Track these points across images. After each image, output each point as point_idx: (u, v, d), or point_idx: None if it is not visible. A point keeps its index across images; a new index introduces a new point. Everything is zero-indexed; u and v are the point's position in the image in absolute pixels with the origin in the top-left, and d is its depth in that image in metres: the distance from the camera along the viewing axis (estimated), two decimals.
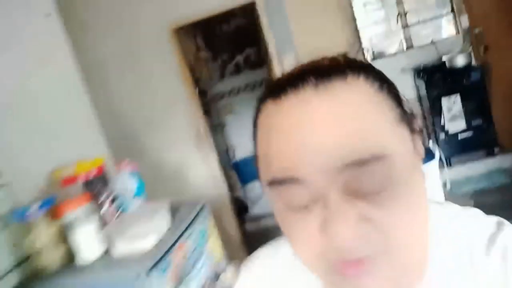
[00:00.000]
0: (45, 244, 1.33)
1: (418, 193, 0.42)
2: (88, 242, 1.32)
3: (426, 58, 3.47)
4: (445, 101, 3.19)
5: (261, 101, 0.44)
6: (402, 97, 0.43)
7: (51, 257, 1.34)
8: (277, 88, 0.42)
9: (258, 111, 0.45)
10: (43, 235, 1.32)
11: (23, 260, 1.36)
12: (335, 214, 0.38)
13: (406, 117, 0.43)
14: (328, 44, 2.91)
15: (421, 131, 0.45)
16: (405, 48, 3.71)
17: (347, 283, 0.41)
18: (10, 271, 1.33)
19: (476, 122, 3.20)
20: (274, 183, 0.41)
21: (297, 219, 0.41)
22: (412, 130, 0.43)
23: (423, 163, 0.45)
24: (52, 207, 1.36)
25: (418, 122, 0.45)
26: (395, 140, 0.40)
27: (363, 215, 0.39)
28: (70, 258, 1.35)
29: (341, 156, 0.37)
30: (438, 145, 3.07)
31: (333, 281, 0.43)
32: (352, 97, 0.39)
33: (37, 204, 1.32)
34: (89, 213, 1.34)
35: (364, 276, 0.40)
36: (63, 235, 1.34)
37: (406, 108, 0.43)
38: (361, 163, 0.37)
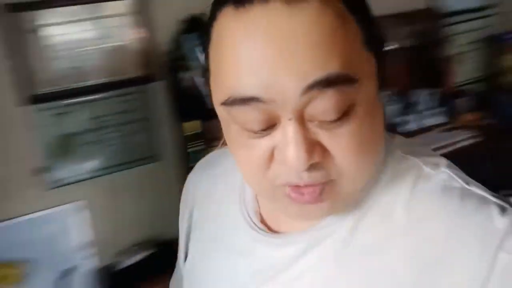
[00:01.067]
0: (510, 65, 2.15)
1: (376, 128, 0.42)
2: None
3: None
4: None
5: (218, 6, 0.39)
6: (373, 19, 0.41)
7: None
8: None
9: (213, 18, 0.40)
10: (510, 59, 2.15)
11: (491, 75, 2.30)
12: (290, 139, 0.37)
13: (375, 42, 0.41)
14: None
15: (385, 58, 0.43)
16: None
17: (292, 207, 0.43)
18: (478, 81, 2.33)
19: None
20: (229, 102, 0.39)
21: (250, 142, 0.40)
22: (379, 57, 0.41)
23: None
24: None
25: (385, 49, 0.44)
26: (362, 64, 0.39)
27: (318, 141, 0.38)
28: None
29: (306, 75, 0.35)
30: None
31: (278, 204, 0.45)
32: (323, 15, 0.36)
33: None
34: None
35: (307, 204, 0.42)
36: None
37: (376, 31, 0.41)
38: (325, 83, 0.36)
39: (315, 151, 0.38)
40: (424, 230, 0.42)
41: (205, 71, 0.43)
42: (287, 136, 0.37)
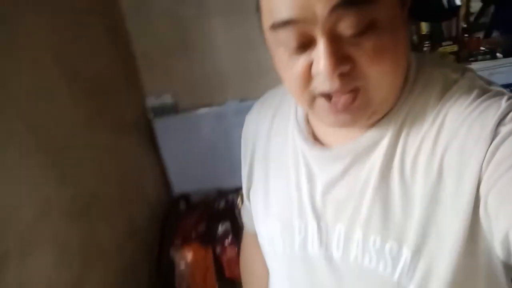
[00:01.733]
0: None
1: (398, 43, 0.49)
2: None
3: None
4: None
5: None
6: None
7: None
8: None
9: None
10: None
11: None
12: (322, 53, 0.46)
13: None
14: None
15: None
16: None
17: (329, 116, 0.52)
18: None
19: None
20: (275, 26, 0.48)
21: (292, 60, 0.50)
22: None
23: None
24: None
25: None
26: None
27: (346, 54, 0.47)
28: None
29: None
30: None
31: (319, 115, 0.54)
32: None
33: None
34: None
35: (340, 113, 0.51)
36: None
37: None
38: (347, 3, 0.44)
39: (344, 62, 0.47)
40: (448, 124, 0.50)
41: (258, 10, 0.54)
42: (319, 50, 0.47)
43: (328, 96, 0.51)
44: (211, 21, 2.03)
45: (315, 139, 0.64)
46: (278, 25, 0.48)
